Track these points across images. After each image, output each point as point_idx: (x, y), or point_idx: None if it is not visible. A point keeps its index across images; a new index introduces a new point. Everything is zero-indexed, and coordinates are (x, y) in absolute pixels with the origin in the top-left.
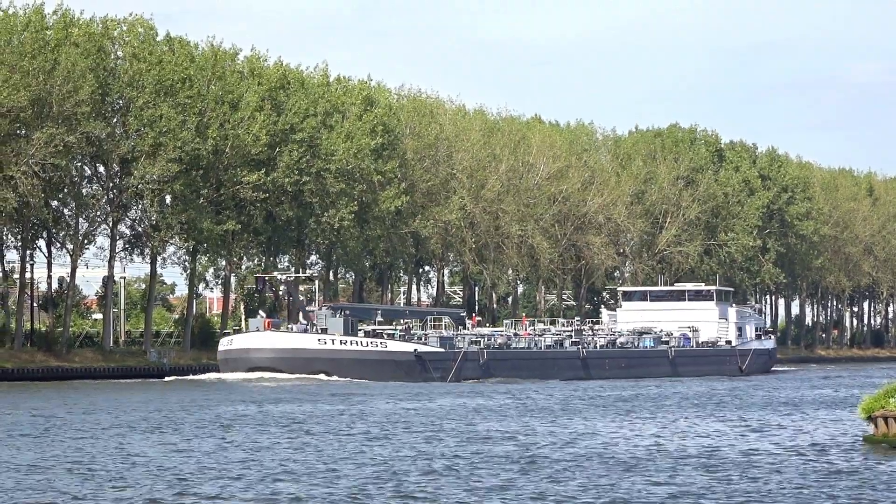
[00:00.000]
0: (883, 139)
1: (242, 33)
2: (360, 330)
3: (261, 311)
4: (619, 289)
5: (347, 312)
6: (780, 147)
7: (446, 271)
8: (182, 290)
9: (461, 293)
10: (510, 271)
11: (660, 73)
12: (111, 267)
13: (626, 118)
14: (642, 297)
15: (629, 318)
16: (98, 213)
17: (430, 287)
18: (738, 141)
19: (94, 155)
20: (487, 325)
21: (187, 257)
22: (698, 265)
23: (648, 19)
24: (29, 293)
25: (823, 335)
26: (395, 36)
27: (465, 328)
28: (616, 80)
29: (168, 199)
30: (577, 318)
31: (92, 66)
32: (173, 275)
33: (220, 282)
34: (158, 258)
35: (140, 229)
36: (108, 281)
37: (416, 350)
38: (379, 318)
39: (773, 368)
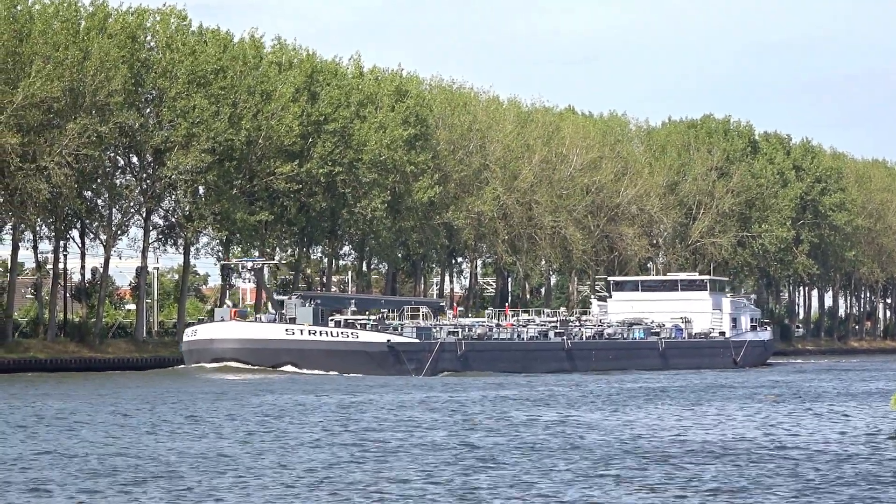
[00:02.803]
0: None
1: (272, 24)
2: (331, 320)
3: (227, 300)
4: (609, 278)
5: (318, 302)
6: (814, 138)
7: (479, 262)
8: (215, 280)
9: (494, 284)
10: (543, 262)
11: (694, 64)
12: (144, 257)
13: (660, 109)
14: (634, 287)
15: (620, 309)
16: (131, 203)
17: (462, 278)
18: (773, 132)
19: (128, 145)
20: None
21: (220, 248)
22: (731, 256)
23: (684, 10)
24: (62, 284)
25: (857, 326)
26: (427, 29)
27: (444, 318)
28: (649, 71)
29: (201, 189)
30: (562, 309)
31: (125, 57)
32: (206, 265)
33: (253, 272)
34: (191, 249)
35: (173, 220)
36: (142, 271)
37: (388, 341)
38: (352, 308)
39: (769, 361)
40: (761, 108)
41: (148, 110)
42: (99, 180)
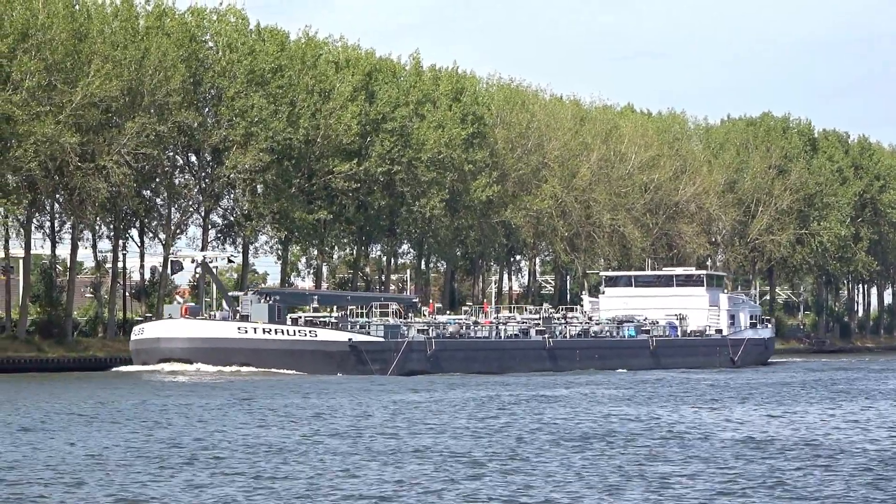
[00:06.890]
0: None
1: (322, 22)
2: (290, 317)
3: (178, 297)
4: (602, 273)
5: (276, 298)
6: (871, 135)
7: (537, 260)
8: (274, 279)
9: (552, 282)
10: (601, 260)
11: (753, 62)
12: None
13: (718, 107)
14: (627, 282)
15: (612, 306)
16: (190, 202)
17: (521, 276)
18: (831, 130)
19: (186, 144)
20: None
21: (279, 246)
22: (790, 254)
23: (742, 8)
24: (121, 282)
25: None
26: (485, 28)
27: (417, 316)
28: (708, 69)
29: (260, 188)
30: (547, 304)
31: (184, 56)
32: (266, 264)
33: (312, 271)
34: (250, 247)
35: (232, 218)
36: (201, 270)
37: (350, 340)
38: (314, 305)
39: (770, 360)
40: (817, 105)
41: (206, 109)
42: (158, 179)
